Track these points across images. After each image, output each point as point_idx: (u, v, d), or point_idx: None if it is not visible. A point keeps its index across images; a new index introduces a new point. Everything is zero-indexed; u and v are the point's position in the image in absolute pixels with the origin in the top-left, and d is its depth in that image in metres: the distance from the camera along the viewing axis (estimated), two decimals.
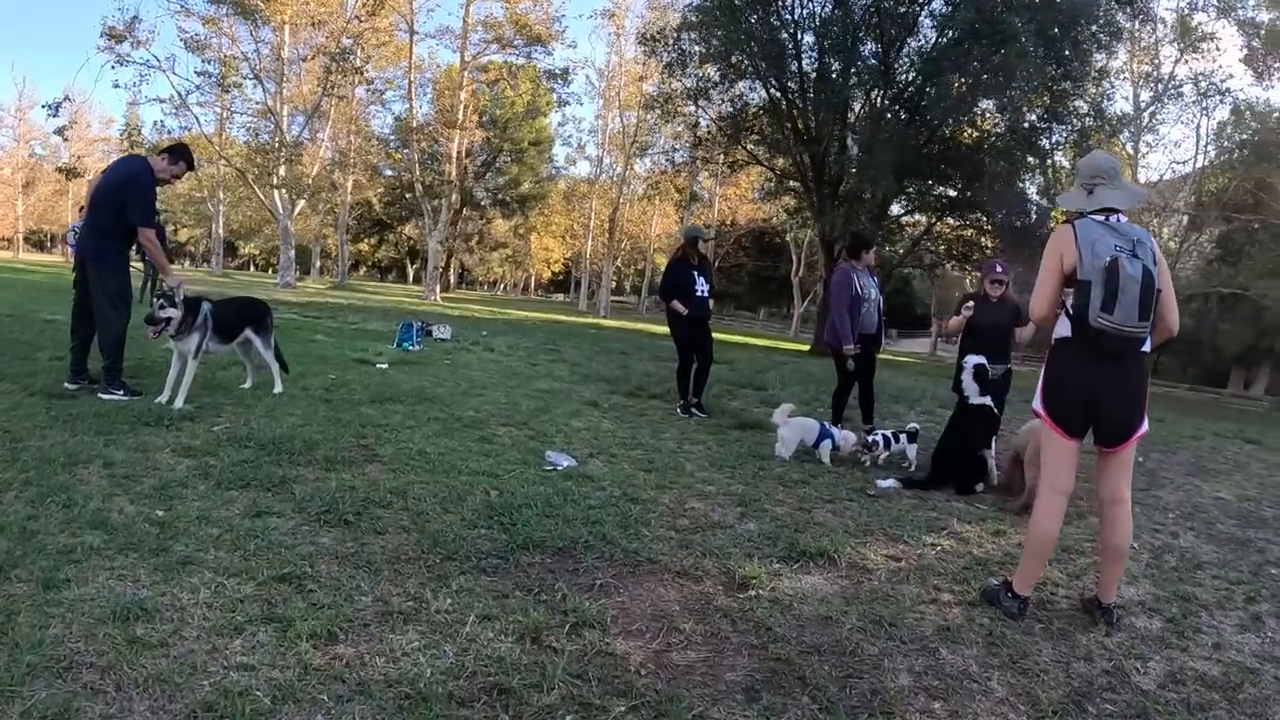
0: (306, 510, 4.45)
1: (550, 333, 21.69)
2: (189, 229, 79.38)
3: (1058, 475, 4.18)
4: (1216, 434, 14.34)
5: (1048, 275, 4.14)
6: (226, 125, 45.05)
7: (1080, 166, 4.40)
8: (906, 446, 7.73)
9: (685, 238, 9.98)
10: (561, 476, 5.77)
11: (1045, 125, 25.16)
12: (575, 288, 71.05)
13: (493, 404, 8.61)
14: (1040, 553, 4.18)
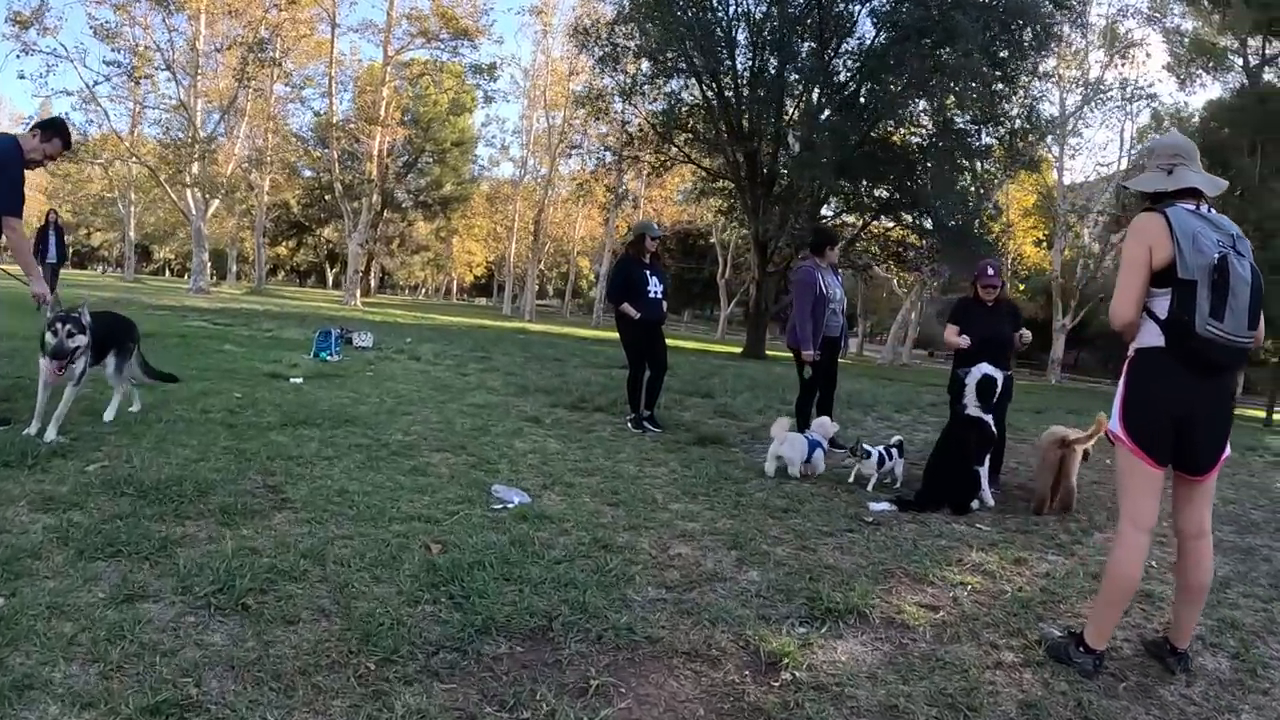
0: (193, 590, 3.35)
1: (478, 339, 20.49)
2: (101, 232, 76.42)
3: (1141, 510, 3.50)
4: None
5: (1133, 272, 3.43)
6: (139, 121, 42.88)
7: (1155, 146, 3.75)
8: (896, 462, 7.01)
9: (635, 234, 9.09)
10: (514, 518, 4.78)
11: (977, 127, 25.03)
12: (498, 291, 70.15)
13: (424, 424, 7.55)
14: (1120, 600, 3.53)
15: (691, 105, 27.77)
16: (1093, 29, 32.14)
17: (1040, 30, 22.45)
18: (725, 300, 53.47)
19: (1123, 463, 3.54)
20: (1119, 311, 3.48)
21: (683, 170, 35.87)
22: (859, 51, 24.59)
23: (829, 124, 22.65)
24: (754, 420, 10.02)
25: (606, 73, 27.66)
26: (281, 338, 15.08)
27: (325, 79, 42.87)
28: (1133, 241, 3.45)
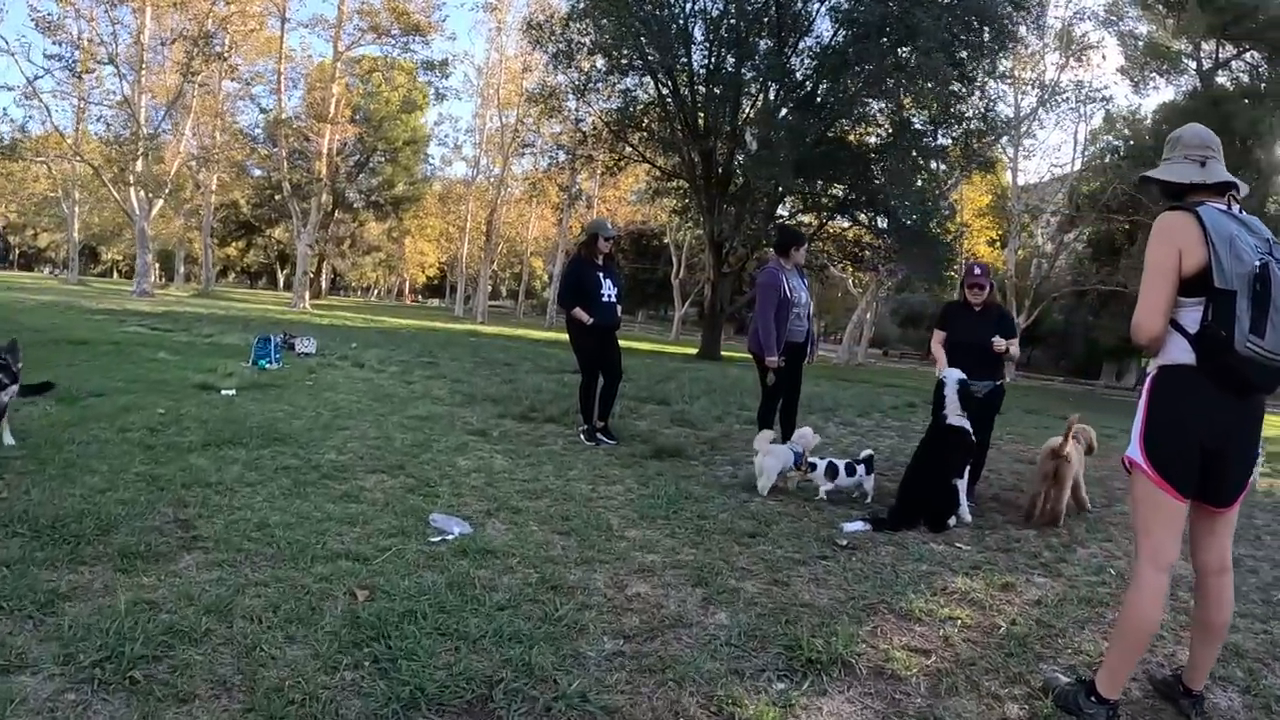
0: (76, 658, 2.80)
1: (426, 342, 19.79)
2: (48, 233, 74.44)
3: (1162, 548, 3.12)
4: (1124, 431, 13.72)
5: (1161, 278, 3.05)
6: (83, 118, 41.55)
7: (1182, 136, 3.32)
8: (864, 478, 6.58)
9: (587, 233, 8.57)
10: (454, 552, 4.26)
11: (933, 127, 24.93)
12: (451, 293, 69.35)
13: (360, 440, 6.99)
14: (1138, 647, 3.16)
15: (646, 103, 27.38)
16: (1049, 30, 32.27)
17: (999, 30, 22.35)
18: (679, 301, 53.16)
19: (1141, 493, 3.14)
20: (1145, 324, 3.08)
21: (637, 170, 35.52)
22: (817, 49, 24.36)
23: (786, 122, 22.36)
24: (713, 429, 9.56)
25: (560, 69, 27.18)
26: (221, 344, 14.38)
27: (275, 76, 41.90)
28: (1159, 244, 3.05)
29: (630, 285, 64.97)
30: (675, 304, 54.40)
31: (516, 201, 54.44)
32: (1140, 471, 3.10)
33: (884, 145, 25.38)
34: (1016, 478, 8.53)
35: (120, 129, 37.33)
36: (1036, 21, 26.34)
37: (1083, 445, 7.00)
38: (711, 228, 26.22)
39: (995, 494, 7.43)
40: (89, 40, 34.69)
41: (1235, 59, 36.52)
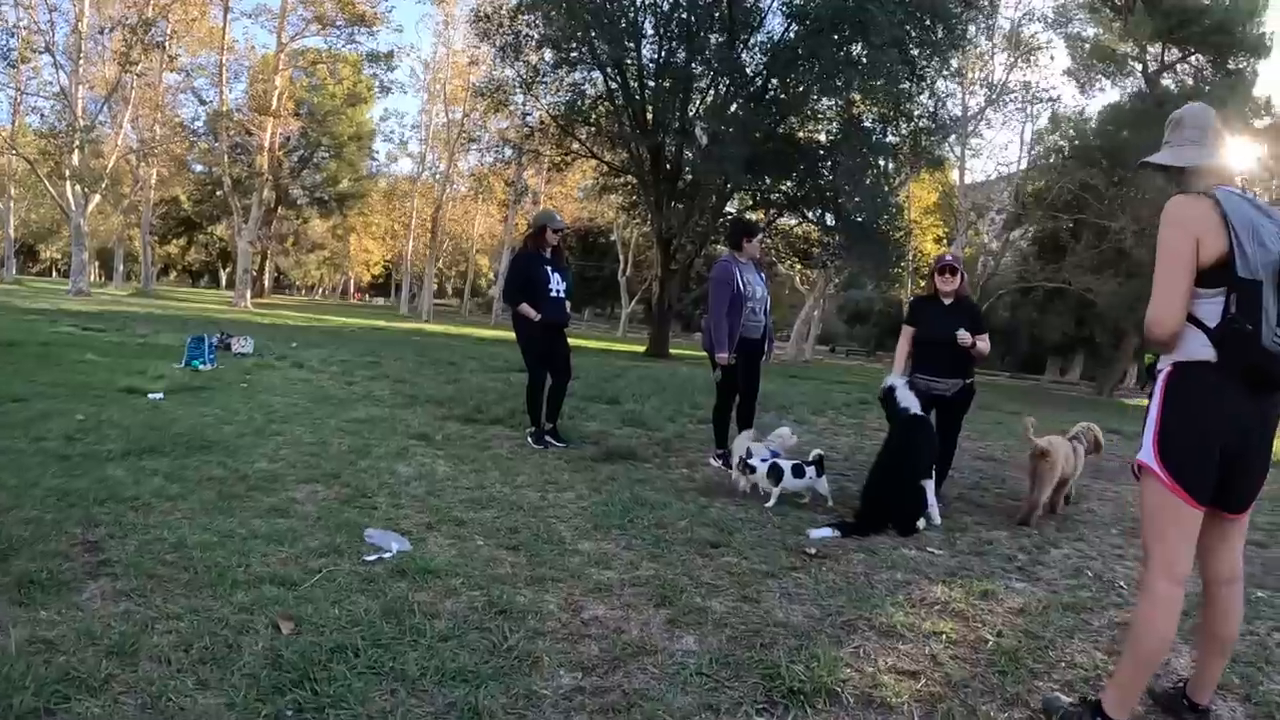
0: None
1: (370, 341, 19.20)
2: None
3: (1177, 558, 2.86)
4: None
5: (1179, 268, 2.77)
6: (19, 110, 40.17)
7: (1184, 117, 3.07)
8: (815, 480, 6.25)
9: (534, 225, 8.11)
10: (391, 573, 3.84)
11: (883, 125, 24.87)
12: (396, 291, 68.47)
13: (294, 446, 6.50)
14: (1150, 665, 2.91)
15: (595, 97, 27.00)
16: (998, 31, 32.47)
17: (950, 28, 22.32)
18: (626, 298, 52.99)
19: (1154, 501, 2.86)
20: (1162, 317, 2.77)
21: (584, 166, 35.15)
22: (769, 44, 24.14)
23: (737, 118, 22.13)
24: (666, 430, 9.18)
25: (508, 63, 26.67)
26: (154, 344, 13.72)
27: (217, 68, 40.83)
28: (1174, 231, 2.78)
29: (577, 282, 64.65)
30: (622, 301, 54.21)
31: (462, 198, 53.95)
32: (1153, 476, 2.83)
33: (834, 142, 25.27)
34: (979, 475, 8.34)
35: (56, 121, 36.14)
36: (987, 21, 26.43)
37: (1086, 445, 6.83)
38: (659, 224, 25.95)
39: (960, 494, 7.18)
40: (26, 29, 33.42)
41: (1180, 62, 37.17)
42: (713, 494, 6.21)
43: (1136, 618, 2.92)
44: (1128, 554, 5.61)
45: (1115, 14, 36.05)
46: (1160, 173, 3.08)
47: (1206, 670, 3.11)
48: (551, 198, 49.12)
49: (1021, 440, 6.14)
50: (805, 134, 26.93)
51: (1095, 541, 5.93)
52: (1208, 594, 3.06)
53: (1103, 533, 6.23)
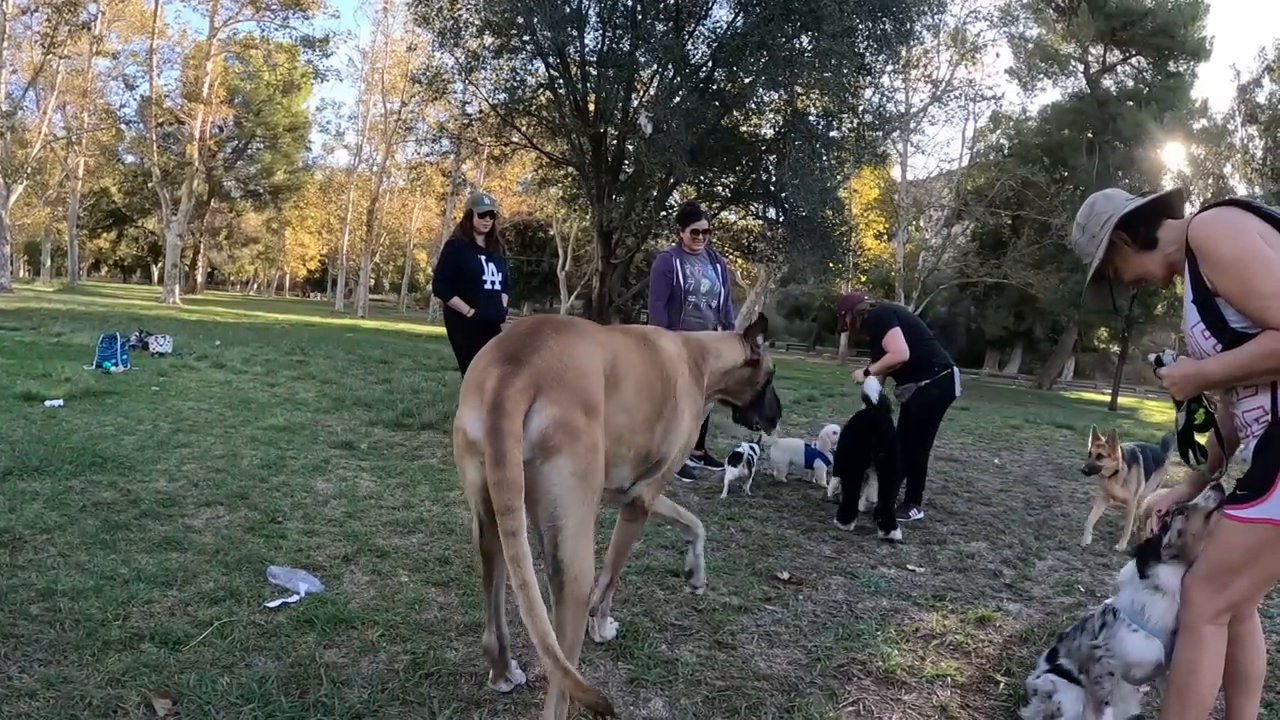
0: None
1: (299, 339, 18.20)
2: None
3: (1250, 600, 2.59)
4: (1027, 421, 14.21)
5: (1269, 258, 2.28)
6: None
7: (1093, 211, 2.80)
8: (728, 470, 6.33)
9: (465, 209, 7.47)
10: (297, 622, 3.19)
11: (829, 119, 24.55)
12: (332, 286, 67.10)
13: (199, 461, 5.74)
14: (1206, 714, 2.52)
15: (536, 86, 26.30)
16: (943, 29, 32.45)
17: (900, 23, 22.05)
18: (566, 293, 52.37)
19: (1268, 550, 2.35)
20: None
21: (524, 159, 34.42)
22: (716, 34, 23.65)
23: (682, 108, 21.58)
24: None
25: (447, 49, 25.83)
26: (69, 344, 12.71)
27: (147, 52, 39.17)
28: (1241, 235, 2.34)
29: (515, 278, 63.93)
30: (561, 296, 53.62)
31: (399, 191, 52.76)
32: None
33: (779, 135, 24.90)
34: (944, 478, 7.95)
35: None
36: (935, 17, 26.29)
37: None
38: (600, 217, 25.33)
39: (930, 499, 6.69)
40: None
41: (1122, 63, 37.90)
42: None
43: (1194, 671, 2.50)
44: (1112, 562, 5.41)
45: (1059, 15, 36.66)
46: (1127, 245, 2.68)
47: (1243, 711, 2.75)
48: (490, 191, 48.24)
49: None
50: (749, 127, 26.47)
51: (1076, 550, 5.68)
52: (1231, 631, 2.62)
53: (1080, 536, 6.00)
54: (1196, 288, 2.42)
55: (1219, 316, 2.36)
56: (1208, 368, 2.41)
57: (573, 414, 2.38)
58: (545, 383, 2.37)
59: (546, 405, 2.35)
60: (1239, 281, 2.29)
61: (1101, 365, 52.15)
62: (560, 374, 2.42)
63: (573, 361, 2.50)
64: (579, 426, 2.38)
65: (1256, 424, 2.40)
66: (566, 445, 2.34)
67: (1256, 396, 2.38)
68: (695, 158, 22.01)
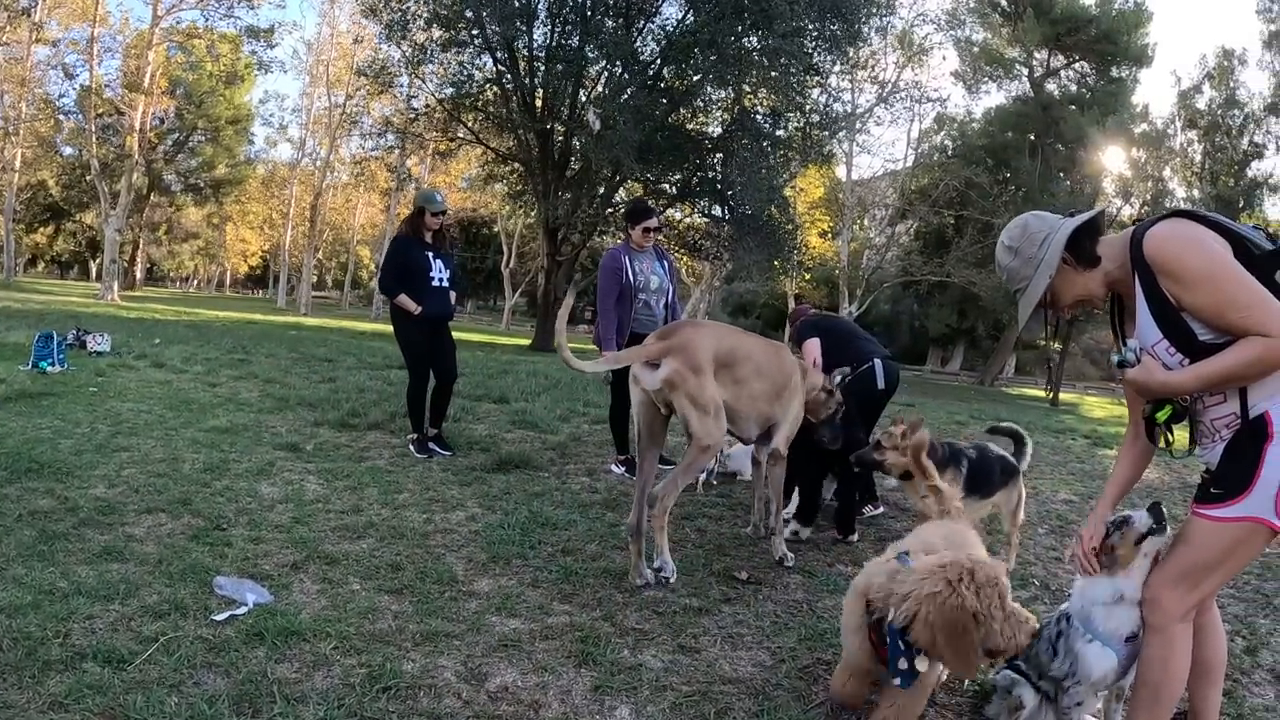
0: None
1: (241, 336, 17.72)
2: None
3: (1212, 596, 2.72)
4: (973, 417, 14.26)
5: (1245, 274, 2.30)
6: None
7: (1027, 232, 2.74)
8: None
9: (414, 206, 7.27)
10: (246, 636, 3.06)
11: (776, 118, 24.62)
12: (274, 283, 66.05)
13: (140, 465, 5.53)
14: (1171, 712, 2.60)
15: (484, 81, 26.06)
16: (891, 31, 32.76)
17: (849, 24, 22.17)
18: (510, 290, 52.13)
19: (1245, 550, 2.43)
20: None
21: (469, 155, 34.11)
22: (666, 31, 23.62)
23: (630, 105, 21.52)
24: (560, 432, 8.43)
25: (394, 42, 25.44)
26: (3, 343, 12.03)
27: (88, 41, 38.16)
28: (1206, 246, 2.35)
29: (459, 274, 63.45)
30: (505, 294, 53.36)
31: (343, 186, 51.96)
32: (1262, 526, 2.35)
33: (727, 132, 24.96)
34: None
35: None
36: (883, 19, 26.53)
37: None
38: (546, 213, 25.20)
39: (882, 495, 6.63)
40: None
41: (1065, 68, 38.84)
42: (619, 507, 5.54)
43: (1167, 669, 2.55)
44: (1063, 555, 5.47)
45: (1004, 19, 37.42)
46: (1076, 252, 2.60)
47: (1206, 702, 2.80)
48: (435, 186, 47.78)
49: None
50: (696, 125, 26.52)
51: (1029, 545, 5.70)
52: (1194, 624, 2.66)
53: (1031, 532, 6.05)
54: (1157, 304, 2.41)
55: (1186, 330, 2.37)
56: (1178, 380, 2.40)
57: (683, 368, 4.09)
58: (672, 350, 4.12)
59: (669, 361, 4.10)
60: (1214, 294, 2.29)
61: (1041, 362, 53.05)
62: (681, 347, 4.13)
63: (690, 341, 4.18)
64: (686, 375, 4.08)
65: (1226, 428, 2.42)
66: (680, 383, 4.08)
67: (1226, 403, 2.41)
68: (643, 155, 21.99)
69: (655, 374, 4.16)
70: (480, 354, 18.73)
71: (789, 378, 4.77)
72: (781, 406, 4.73)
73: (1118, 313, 2.71)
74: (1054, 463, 9.83)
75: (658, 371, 4.15)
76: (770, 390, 4.65)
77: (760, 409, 4.62)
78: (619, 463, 6.93)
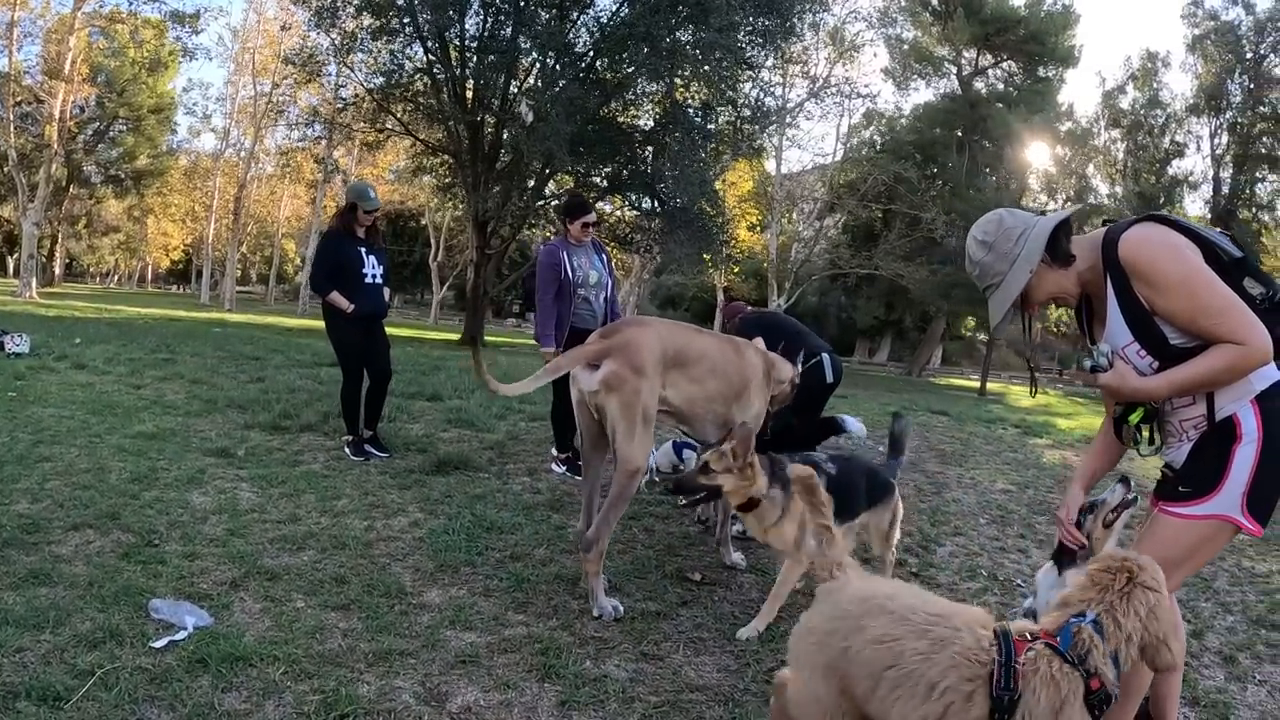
0: None
1: (165, 334, 17.06)
2: None
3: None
4: (905, 407, 14.21)
5: (1217, 280, 2.35)
6: None
7: (1003, 228, 2.73)
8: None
9: (346, 201, 7.06)
10: (189, 664, 2.87)
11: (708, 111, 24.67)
12: (197, 278, 64.51)
13: (64, 476, 5.23)
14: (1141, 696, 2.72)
15: (415, 71, 25.65)
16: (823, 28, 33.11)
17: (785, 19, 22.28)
18: (438, 284, 51.67)
19: (1210, 545, 2.52)
20: (1261, 339, 2.29)
21: (398, 146, 33.61)
22: (600, 22, 23.50)
23: (563, 96, 21.35)
24: (497, 430, 8.25)
25: (323, 29, 24.87)
26: None
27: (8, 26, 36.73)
28: (1181, 253, 2.40)
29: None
30: (433, 288, 52.89)
31: (268, 178, 50.85)
32: (1228, 524, 2.44)
33: (660, 126, 24.96)
34: None
35: None
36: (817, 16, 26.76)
37: None
38: (476, 206, 24.92)
39: None
40: None
41: (993, 67, 39.91)
42: (564, 509, 5.47)
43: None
44: (1006, 545, 5.65)
45: (935, 19, 38.15)
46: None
47: (1166, 689, 2.87)
48: (361, 178, 47.04)
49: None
50: (628, 118, 26.45)
51: (973, 535, 5.82)
52: None
53: (973, 522, 6.19)
54: (1129, 306, 2.44)
55: (1158, 335, 2.40)
56: (1152, 386, 2.43)
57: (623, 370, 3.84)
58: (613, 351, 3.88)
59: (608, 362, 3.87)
60: (1188, 300, 2.32)
61: (968, 353, 54.21)
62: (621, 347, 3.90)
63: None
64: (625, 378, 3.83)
65: (1194, 429, 2.48)
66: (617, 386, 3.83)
67: (1195, 405, 2.46)
68: (574, 147, 21.89)
69: (594, 375, 3.94)
70: (410, 349, 18.40)
71: (749, 378, 4.54)
72: (741, 408, 4.47)
73: (1086, 314, 2.73)
74: (988, 453, 10.00)
75: (596, 373, 3.92)
76: (728, 390, 4.42)
77: (717, 410, 4.39)
78: (559, 461, 6.83)
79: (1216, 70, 39.41)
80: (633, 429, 3.87)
